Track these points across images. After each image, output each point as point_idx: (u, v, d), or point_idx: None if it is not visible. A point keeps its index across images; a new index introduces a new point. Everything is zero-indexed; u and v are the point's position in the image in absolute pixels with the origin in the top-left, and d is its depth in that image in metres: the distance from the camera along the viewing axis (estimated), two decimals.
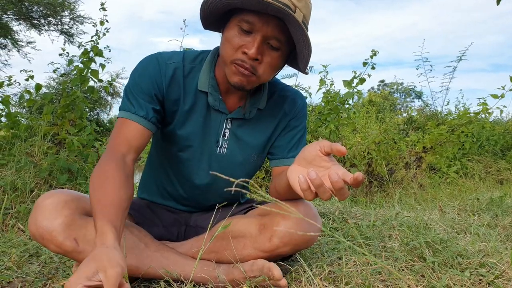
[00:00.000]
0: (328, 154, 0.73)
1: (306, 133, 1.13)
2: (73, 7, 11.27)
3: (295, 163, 0.78)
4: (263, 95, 1.01)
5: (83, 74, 2.66)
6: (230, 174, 1.04)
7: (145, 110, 0.90)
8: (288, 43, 0.86)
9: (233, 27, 0.84)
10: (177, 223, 1.08)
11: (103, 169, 0.81)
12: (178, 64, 0.95)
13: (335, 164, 0.72)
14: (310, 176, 0.68)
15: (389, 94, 13.34)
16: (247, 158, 1.04)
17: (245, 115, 0.99)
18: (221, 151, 1.01)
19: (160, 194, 1.10)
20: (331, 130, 2.65)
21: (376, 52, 2.62)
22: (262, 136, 1.03)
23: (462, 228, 1.41)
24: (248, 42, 0.83)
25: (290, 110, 1.05)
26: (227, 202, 1.07)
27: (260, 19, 0.81)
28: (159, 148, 1.07)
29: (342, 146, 0.69)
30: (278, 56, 0.86)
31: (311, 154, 0.74)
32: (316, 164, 0.73)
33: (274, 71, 0.91)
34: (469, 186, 3.16)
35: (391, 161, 3.60)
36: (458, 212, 1.76)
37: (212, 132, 0.99)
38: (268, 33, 0.82)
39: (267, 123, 1.03)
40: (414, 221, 1.39)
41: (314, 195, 0.71)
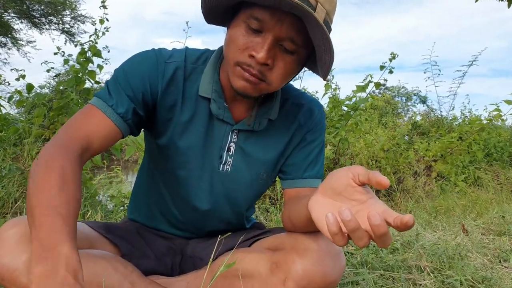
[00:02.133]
0: (363, 184, 0.57)
1: (324, 148, 0.97)
2: (75, 6, 11.18)
3: (319, 192, 0.62)
4: (275, 103, 0.85)
5: (79, 75, 2.51)
6: (235, 196, 0.87)
7: (125, 108, 0.74)
8: (306, 45, 0.70)
9: (239, 24, 0.70)
10: (172, 252, 0.92)
11: (58, 164, 0.61)
12: (180, 63, 0.80)
13: (372, 198, 0.56)
14: (343, 217, 0.51)
15: (391, 98, 13.20)
16: (256, 177, 0.87)
17: (254, 127, 0.83)
18: (225, 168, 0.85)
19: (152, 216, 0.94)
20: (341, 138, 2.49)
21: (395, 55, 2.44)
22: (273, 151, 0.87)
23: (495, 254, 1.25)
24: (256, 44, 0.68)
25: (305, 121, 0.89)
26: (230, 228, 0.92)
27: (273, 16, 0.66)
28: (152, 163, 0.91)
29: (383, 177, 0.52)
30: (292, 61, 0.71)
31: (341, 183, 0.58)
32: (347, 197, 0.57)
33: (287, 78, 0.75)
34: (483, 198, 3.00)
35: (400, 169, 3.44)
36: (484, 233, 1.60)
37: (215, 145, 0.83)
38: (281, 33, 0.67)
39: (279, 136, 0.87)
40: (441, 247, 1.23)
41: (347, 240, 0.54)
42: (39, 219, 0.55)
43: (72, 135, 0.69)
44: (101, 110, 0.73)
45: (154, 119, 0.82)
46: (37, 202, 0.57)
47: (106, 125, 0.72)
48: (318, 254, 0.72)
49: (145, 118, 0.79)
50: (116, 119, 0.73)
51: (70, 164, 0.63)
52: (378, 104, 9.60)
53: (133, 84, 0.75)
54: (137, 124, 0.79)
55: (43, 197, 0.57)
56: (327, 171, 2.72)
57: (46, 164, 0.62)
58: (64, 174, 0.60)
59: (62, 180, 0.59)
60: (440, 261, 1.06)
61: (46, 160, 0.62)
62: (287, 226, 0.80)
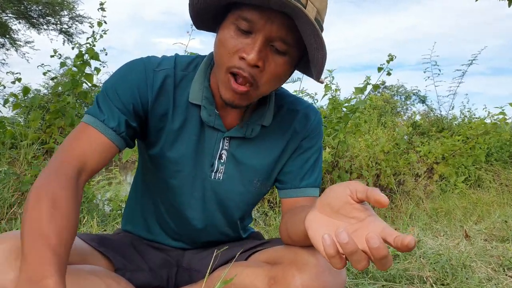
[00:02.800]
0: (362, 201, 0.54)
1: (322, 155, 0.94)
2: (73, 7, 11.14)
3: (316, 209, 0.59)
4: (269, 109, 0.83)
5: (76, 78, 2.48)
6: (228, 204, 0.85)
7: (117, 121, 0.72)
8: (297, 45, 0.67)
9: (228, 26, 0.67)
10: (167, 265, 0.89)
11: (49, 191, 0.59)
12: (169, 71, 0.78)
13: (372, 215, 0.53)
14: (340, 239, 0.49)
15: (390, 97, 13.19)
16: (248, 185, 0.85)
17: (246, 133, 0.81)
18: (217, 176, 0.83)
19: (146, 227, 0.92)
20: (340, 140, 2.47)
21: (393, 57, 2.43)
22: (267, 159, 0.85)
23: (498, 262, 1.23)
24: (247, 45, 0.66)
25: (301, 128, 0.86)
26: (225, 238, 0.90)
27: (262, 15, 0.64)
28: (146, 173, 0.89)
29: (382, 195, 0.49)
30: (284, 62, 0.68)
31: (338, 200, 0.55)
32: (346, 214, 0.55)
33: (279, 81, 0.72)
34: (484, 200, 2.97)
35: (400, 170, 3.41)
36: (486, 238, 1.57)
37: (206, 153, 0.81)
38: (272, 33, 0.65)
39: (274, 143, 0.85)
40: (444, 256, 1.20)
41: (345, 263, 0.51)
42: (28, 250, 0.52)
43: (65, 158, 0.67)
44: (92, 126, 0.71)
45: (146, 129, 0.80)
46: (27, 232, 0.54)
47: (99, 142, 0.70)
48: (318, 268, 0.69)
49: (138, 129, 0.77)
50: (109, 134, 0.71)
51: (61, 189, 0.60)
52: (377, 104, 9.59)
53: (122, 96, 0.73)
54: (132, 136, 0.77)
55: (33, 227, 0.55)
56: (326, 174, 2.70)
57: (37, 192, 0.59)
58: (56, 201, 0.58)
59: (53, 208, 0.57)
60: (443, 271, 1.04)
61: (37, 187, 0.60)
62: (285, 239, 0.78)
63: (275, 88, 0.74)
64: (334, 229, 0.52)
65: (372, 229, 0.50)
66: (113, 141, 0.71)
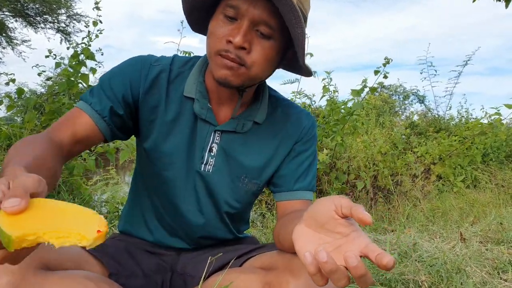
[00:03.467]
0: (346, 217, 0.54)
1: (317, 160, 0.95)
2: (70, 5, 11.09)
3: (303, 222, 0.59)
4: (262, 106, 0.86)
5: (72, 78, 2.46)
6: (217, 197, 0.86)
7: (102, 106, 0.78)
8: (282, 31, 0.72)
9: (217, 17, 0.73)
10: (162, 270, 0.89)
11: (31, 139, 0.66)
12: (165, 67, 0.83)
13: (356, 231, 0.53)
14: (319, 258, 0.49)
15: (388, 97, 13.22)
16: (237, 181, 0.87)
17: (237, 128, 0.83)
18: (207, 168, 0.85)
19: (145, 224, 0.92)
20: (337, 142, 2.47)
21: (389, 60, 2.44)
22: (258, 157, 0.86)
23: (493, 265, 1.23)
24: (232, 30, 0.71)
25: (294, 131, 0.88)
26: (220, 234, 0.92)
27: (245, 1, 0.69)
28: (142, 169, 0.91)
29: (366, 214, 0.49)
30: (270, 46, 0.72)
31: (324, 215, 0.55)
32: (330, 229, 0.54)
33: (268, 64, 0.75)
34: (480, 201, 2.98)
35: (398, 171, 3.42)
36: (482, 241, 1.58)
37: (197, 146, 0.84)
38: (255, 16, 0.69)
39: (265, 142, 0.87)
40: (439, 259, 1.20)
41: (327, 280, 0.51)
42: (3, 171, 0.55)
43: (51, 130, 0.74)
44: (79, 107, 0.78)
45: (138, 121, 0.84)
46: (5, 164, 0.58)
47: (83, 121, 0.76)
48: None
49: (127, 119, 0.81)
50: (93, 115, 0.77)
51: (41, 140, 0.66)
52: (376, 104, 9.61)
53: (114, 85, 0.79)
54: (120, 127, 0.81)
55: (10, 157, 0.60)
56: (324, 176, 2.70)
57: (20, 140, 0.66)
58: (36, 147, 0.63)
59: (30, 145, 0.63)
60: (438, 275, 1.04)
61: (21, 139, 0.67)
62: (278, 245, 0.78)
63: (265, 73, 0.77)
64: (320, 243, 0.52)
65: (356, 245, 0.51)
66: (96, 123, 0.77)
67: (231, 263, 0.82)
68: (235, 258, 0.84)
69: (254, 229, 2.10)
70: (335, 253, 0.52)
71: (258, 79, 0.77)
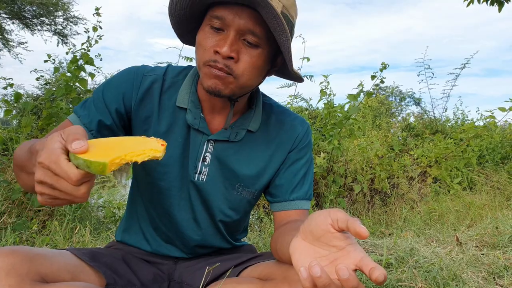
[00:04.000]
0: (342, 230, 0.54)
1: (313, 167, 0.95)
2: (67, 7, 11.06)
3: (299, 235, 0.59)
4: (255, 115, 0.86)
5: (70, 83, 2.45)
6: (211, 206, 0.86)
7: (90, 119, 0.80)
8: (268, 39, 0.73)
9: (203, 28, 0.75)
10: (159, 279, 0.89)
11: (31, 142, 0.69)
12: (158, 77, 0.84)
13: (351, 244, 0.53)
14: (313, 273, 0.50)
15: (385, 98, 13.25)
16: (230, 189, 0.87)
17: (230, 137, 0.84)
18: (201, 178, 0.85)
19: (142, 234, 0.93)
20: (334, 146, 2.48)
21: (386, 65, 2.45)
22: (252, 166, 0.87)
23: (489, 270, 1.24)
24: (219, 40, 0.72)
25: (288, 139, 0.88)
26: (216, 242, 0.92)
27: (231, 11, 0.71)
28: (138, 180, 0.92)
29: (362, 227, 0.50)
30: (258, 54, 0.74)
31: (320, 228, 0.55)
32: (326, 242, 0.55)
33: (256, 73, 0.76)
34: (476, 203, 2.99)
35: (394, 174, 3.43)
36: (478, 245, 1.59)
37: (191, 155, 0.84)
38: (241, 26, 0.71)
39: (259, 150, 0.87)
40: (435, 265, 1.21)
41: None
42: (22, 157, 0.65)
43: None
44: (69, 119, 0.80)
45: (131, 132, 0.85)
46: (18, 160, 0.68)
47: None
48: None
49: (118, 130, 0.82)
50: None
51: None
52: (372, 105, 9.63)
53: (107, 97, 0.81)
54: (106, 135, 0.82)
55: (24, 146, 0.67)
56: (321, 179, 2.70)
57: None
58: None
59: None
60: (434, 282, 1.04)
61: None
62: (275, 255, 0.78)
63: (254, 81, 0.77)
64: (315, 258, 0.53)
65: (351, 258, 0.51)
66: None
67: (228, 272, 0.82)
68: (232, 267, 0.84)
69: (251, 234, 2.10)
70: (330, 266, 0.52)
71: (248, 88, 0.78)
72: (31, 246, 0.86)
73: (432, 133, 5.52)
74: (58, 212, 1.88)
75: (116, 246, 0.96)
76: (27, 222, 1.70)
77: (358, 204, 3.06)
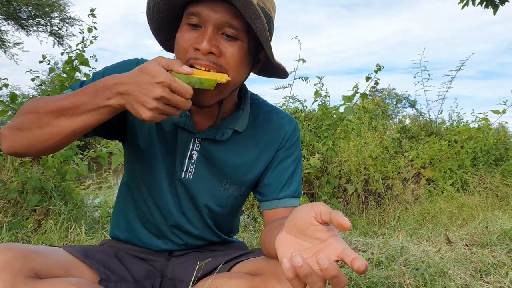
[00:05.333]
0: (326, 223, 0.56)
1: (302, 164, 0.96)
2: (63, 8, 11.04)
3: (285, 230, 0.61)
4: (243, 115, 0.87)
5: (65, 84, 2.47)
6: (197, 203, 0.88)
7: None
8: (248, 32, 0.74)
9: (181, 27, 0.75)
10: (151, 275, 0.91)
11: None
12: None
13: (334, 236, 0.55)
14: (294, 263, 0.51)
15: (381, 100, 13.32)
16: (218, 185, 0.89)
17: (217, 136, 0.85)
18: (187, 175, 0.87)
19: (132, 229, 0.94)
20: (328, 147, 2.50)
21: (381, 67, 2.49)
22: (238, 164, 0.88)
23: (477, 268, 1.27)
24: (198, 36, 0.73)
25: (275, 138, 0.90)
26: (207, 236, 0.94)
27: (206, 6, 0.72)
28: (129, 175, 0.94)
29: (345, 220, 0.52)
30: (238, 46, 0.74)
31: (303, 221, 0.57)
32: (310, 235, 0.56)
33: (240, 66, 0.76)
34: (469, 204, 3.03)
35: (388, 175, 3.46)
36: (467, 244, 1.61)
37: (178, 153, 0.86)
38: (217, 20, 0.71)
39: (247, 150, 0.89)
40: (424, 263, 1.23)
41: (304, 285, 0.53)
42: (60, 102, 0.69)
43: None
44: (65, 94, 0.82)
45: (126, 125, 0.86)
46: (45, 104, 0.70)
47: None
48: None
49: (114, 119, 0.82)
50: None
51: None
52: (368, 107, 9.70)
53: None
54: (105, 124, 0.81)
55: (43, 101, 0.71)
56: (315, 180, 2.72)
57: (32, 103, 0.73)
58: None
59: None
60: (422, 278, 1.07)
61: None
62: (264, 252, 0.80)
63: (240, 76, 0.78)
64: (299, 250, 0.54)
65: (333, 249, 0.53)
66: None
67: (219, 268, 0.84)
68: (223, 263, 0.86)
69: (246, 234, 2.12)
70: (313, 258, 0.54)
71: (234, 83, 0.78)
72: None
73: (427, 135, 5.57)
74: (53, 211, 1.89)
75: (109, 243, 0.97)
76: (22, 221, 1.71)
77: (352, 205, 3.09)
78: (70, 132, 0.68)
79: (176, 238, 0.93)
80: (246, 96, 0.90)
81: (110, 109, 0.66)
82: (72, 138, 0.70)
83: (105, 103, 0.65)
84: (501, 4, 4.33)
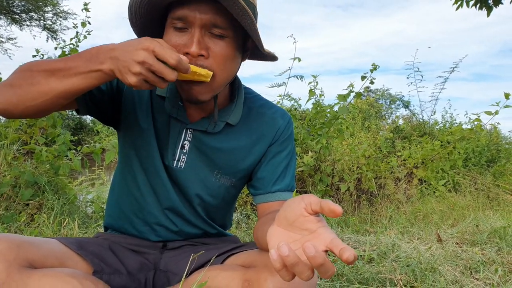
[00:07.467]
0: (316, 213, 0.57)
1: (295, 158, 0.97)
2: (56, 2, 10.92)
3: (275, 222, 0.61)
4: (236, 108, 0.88)
5: None
6: (188, 192, 0.89)
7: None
8: (235, 28, 0.75)
9: (167, 31, 0.75)
10: (145, 268, 0.91)
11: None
12: None
13: (323, 226, 0.55)
14: (281, 252, 0.51)
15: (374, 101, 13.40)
16: (209, 175, 0.90)
17: (208, 128, 0.86)
18: (179, 165, 0.88)
19: (125, 218, 0.95)
20: (322, 145, 2.52)
21: (376, 66, 2.50)
22: (230, 155, 0.89)
23: (467, 265, 1.29)
24: (186, 40, 0.73)
25: (268, 132, 0.91)
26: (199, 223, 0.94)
27: (191, 9, 0.71)
28: (122, 164, 0.95)
29: (335, 205, 0.52)
30: (226, 44, 0.75)
31: (293, 213, 0.57)
32: (299, 226, 0.57)
33: (230, 63, 0.78)
34: (460, 204, 3.07)
35: (381, 174, 3.49)
36: (458, 242, 1.64)
37: (170, 143, 0.88)
38: (203, 21, 0.72)
39: (239, 141, 0.89)
40: (415, 259, 1.25)
41: (293, 275, 0.54)
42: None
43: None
44: None
45: (120, 112, 0.88)
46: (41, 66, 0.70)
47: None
48: None
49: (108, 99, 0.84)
50: None
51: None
52: (362, 107, 9.75)
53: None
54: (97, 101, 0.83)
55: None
56: (308, 178, 2.74)
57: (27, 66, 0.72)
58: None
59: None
60: (413, 274, 1.08)
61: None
62: (257, 244, 0.81)
63: (229, 72, 0.79)
64: (289, 242, 0.54)
65: (321, 240, 0.53)
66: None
67: (212, 260, 0.84)
68: (216, 255, 0.87)
69: (239, 230, 2.13)
70: (301, 249, 0.54)
71: (226, 79, 0.80)
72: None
73: (420, 135, 5.62)
74: (46, 206, 1.88)
75: (103, 236, 0.97)
76: (15, 215, 1.70)
77: (344, 203, 3.11)
78: (58, 93, 0.68)
79: (170, 224, 0.93)
80: (239, 89, 0.91)
81: (100, 74, 0.67)
82: (59, 100, 0.70)
83: (97, 67, 0.66)
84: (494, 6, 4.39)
